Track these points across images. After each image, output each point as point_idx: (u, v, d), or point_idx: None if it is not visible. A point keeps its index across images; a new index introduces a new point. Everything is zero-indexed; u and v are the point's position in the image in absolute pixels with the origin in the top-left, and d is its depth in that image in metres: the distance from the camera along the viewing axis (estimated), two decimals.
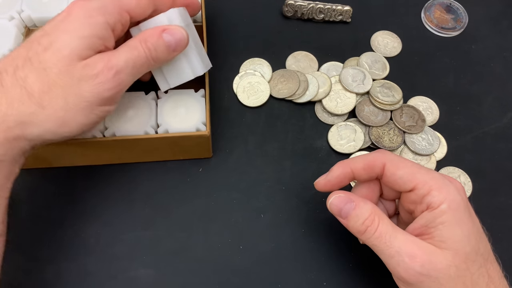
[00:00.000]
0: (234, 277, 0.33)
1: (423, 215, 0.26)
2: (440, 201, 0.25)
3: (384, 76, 0.42)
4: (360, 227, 0.26)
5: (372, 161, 0.28)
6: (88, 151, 0.34)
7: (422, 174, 0.26)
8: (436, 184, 0.26)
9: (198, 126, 0.34)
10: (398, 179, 0.27)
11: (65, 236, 0.34)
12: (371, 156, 0.28)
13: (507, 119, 0.41)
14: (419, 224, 0.26)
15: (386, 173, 0.28)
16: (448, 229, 0.24)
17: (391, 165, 0.27)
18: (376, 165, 0.28)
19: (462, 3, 0.47)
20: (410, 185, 0.26)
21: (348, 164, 0.29)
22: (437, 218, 0.25)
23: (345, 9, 0.44)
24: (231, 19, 0.45)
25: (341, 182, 0.30)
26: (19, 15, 0.37)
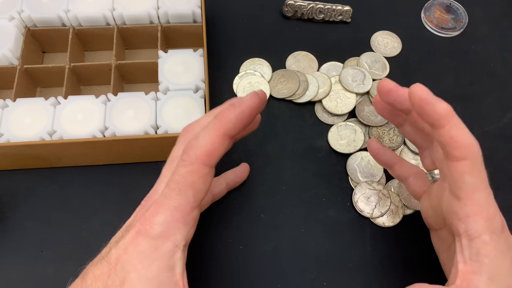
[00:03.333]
0: (234, 277, 0.33)
1: (463, 245, 0.23)
2: (481, 230, 0.23)
3: (384, 76, 0.42)
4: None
5: None
6: (88, 151, 0.34)
7: (481, 194, 0.23)
8: (485, 210, 0.23)
9: None
10: (460, 184, 0.23)
11: (65, 236, 0.34)
12: None
13: (507, 119, 0.41)
14: (464, 257, 0.23)
15: (454, 168, 0.23)
16: (494, 264, 0.23)
17: (469, 165, 0.23)
18: None
19: (462, 3, 0.47)
20: (462, 196, 0.23)
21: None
22: (480, 250, 0.23)
23: (345, 9, 0.44)
24: (231, 19, 0.44)
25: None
26: (19, 15, 0.37)
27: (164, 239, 0.23)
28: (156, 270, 0.22)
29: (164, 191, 0.24)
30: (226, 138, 0.24)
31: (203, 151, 0.23)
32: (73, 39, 0.38)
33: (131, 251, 0.23)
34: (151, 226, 0.23)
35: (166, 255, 0.23)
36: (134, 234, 0.23)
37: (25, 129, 0.33)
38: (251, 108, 0.24)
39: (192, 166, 0.23)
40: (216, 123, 0.24)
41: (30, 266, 0.33)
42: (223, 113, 0.24)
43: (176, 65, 0.37)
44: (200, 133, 0.24)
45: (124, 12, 0.38)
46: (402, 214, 0.35)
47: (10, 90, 0.36)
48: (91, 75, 0.38)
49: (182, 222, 0.23)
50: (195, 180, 0.23)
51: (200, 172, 0.23)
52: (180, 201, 0.23)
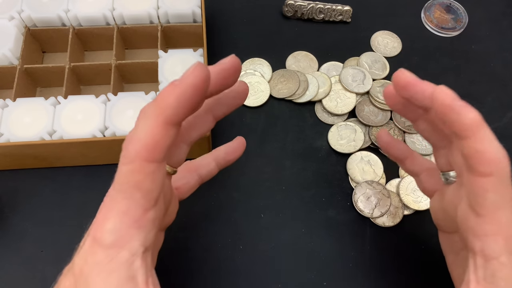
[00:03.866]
0: (234, 277, 0.33)
1: (478, 264, 0.22)
2: (499, 251, 0.21)
3: (384, 76, 0.42)
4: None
5: None
6: (88, 151, 0.34)
7: (504, 213, 0.21)
8: (506, 231, 0.21)
9: None
10: (482, 201, 0.21)
11: (65, 236, 0.34)
12: None
13: (507, 119, 0.41)
14: (478, 277, 0.22)
15: (476, 183, 0.21)
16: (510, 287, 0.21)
17: (494, 182, 0.21)
18: None
19: (462, 3, 0.47)
20: (483, 213, 0.21)
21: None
22: (497, 272, 0.21)
23: (345, 9, 0.44)
24: (231, 19, 0.44)
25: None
26: (19, 15, 0.37)
27: (118, 248, 0.20)
28: (116, 282, 0.20)
29: (110, 192, 0.21)
30: (169, 127, 0.20)
31: (142, 145, 0.19)
32: (73, 39, 0.38)
33: (89, 262, 0.20)
34: (102, 234, 0.20)
35: (124, 266, 0.20)
36: (91, 242, 0.21)
37: (25, 129, 0.33)
38: (195, 87, 0.19)
39: (132, 164, 0.19)
40: (154, 110, 0.20)
41: (30, 266, 0.33)
42: (161, 96, 0.20)
43: (176, 65, 0.37)
44: (138, 122, 0.20)
45: (124, 12, 0.38)
46: (402, 214, 0.35)
47: (10, 90, 0.36)
48: (91, 75, 0.38)
49: (135, 228, 0.20)
50: (141, 179, 0.20)
51: (144, 170, 0.20)
52: (127, 205, 0.20)
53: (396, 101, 0.26)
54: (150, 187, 0.20)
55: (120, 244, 0.20)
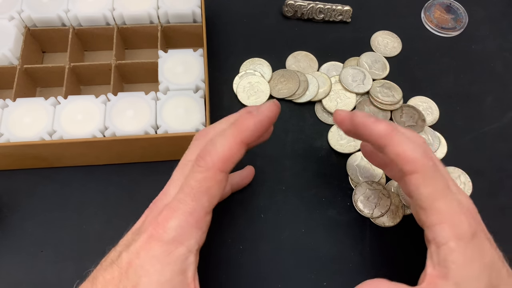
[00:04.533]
0: (235, 277, 0.33)
1: (432, 251, 0.24)
2: (447, 237, 0.23)
3: (384, 76, 0.42)
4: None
5: (403, 156, 0.24)
6: (88, 151, 0.34)
7: (441, 203, 0.24)
8: (449, 218, 0.24)
9: (198, 127, 0.34)
10: (418, 196, 0.24)
11: (65, 236, 0.34)
12: (403, 150, 0.24)
13: (507, 119, 0.41)
14: (433, 262, 0.24)
15: (409, 182, 0.24)
16: (461, 270, 0.23)
17: (420, 178, 0.24)
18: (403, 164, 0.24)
19: (462, 3, 0.47)
20: (424, 206, 0.24)
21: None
22: (447, 256, 0.23)
23: (345, 9, 0.44)
24: (231, 19, 0.44)
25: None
26: (19, 15, 0.37)
27: (178, 243, 0.23)
28: (169, 274, 0.22)
29: (178, 196, 0.24)
30: (243, 146, 0.24)
31: (220, 157, 0.23)
32: (73, 39, 0.38)
33: (143, 256, 0.22)
34: (164, 231, 0.23)
35: (179, 259, 0.23)
36: (147, 238, 0.23)
37: (25, 129, 0.33)
38: (270, 118, 0.25)
39: (208, 172, 0.23)
40: (234, 130, 0.24)
41: (30, 266, 0.33)
42: (242, 120, 0.24)
43: (176, 65, 0.37)
44: (217, 139, 0.24)
45: (124, 12, 0.38)
46: (402, 214, 0.35)
47: (10, 90, 0.36)
48: (91, 75, 0.38)
49: (195, 227, 0.23)
50: (211, 186, 0.23)
51: (216, 178, 0.23)
52: (194, 206, 0.23)
53: (366, 151, 0.32)
54: (216, 193, 0.24)
55: (180, 240, 0.23)
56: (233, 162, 0.24)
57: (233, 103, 0.40)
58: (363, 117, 0.25)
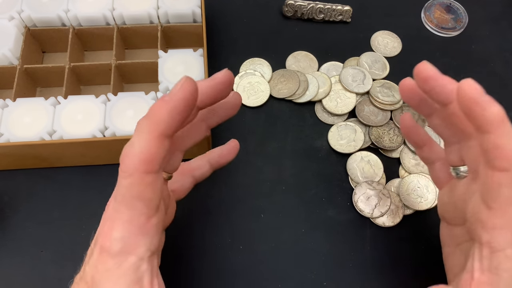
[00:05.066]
0: (234, 277, 0.33)
1: (483, 255, 0.23)
2: (506, 244, 0.22)
3: (384, 76, 0.42)
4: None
5: None
6: (88, 151, 0.34)
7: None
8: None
9: None
10: (495, 194, 0.22)
11: (65, 236, 0.34)
12: None
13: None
14: (483, 267, 0.23)
15: (492, 177, 0.22)
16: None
17: (510, 178, 0.21)
18: None
19: (462, 3, 0.47)
20: (494, 206, 0.22)
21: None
22: (501, 264, 0.22)
23: (345, 9, 0.44)
24: (231, 19, 0.44)
25: None
26: (19, 15, 0.37)
27: (126, 254, 0.21)
28: (124, 286, 0.21)
29: (112, 204, 0.22)
30: (163, 140, 0.21)
31: (140, 159, 0.20)
32: (73, 39, 0.38)
33: (100, 269, 0.22)
34: (110, 243, 0.21)
35: (131, 270, 0.22)
36: (99, 251, 0.22)
37: (25, 129, 0.33)
38: (185, 100, 0.21)
39: (132, 177, 0.21)
40: (148, 125, 0.21)
41: (30, 266, 0.33)
42: (153, 111, 0.21)
43: (176, 65, 0.37)
44: (134, 138, 0.21)
45: (124, 12, 0.38)
46: (402, 214, 0.35)
47: (10, 90, 0.36)
48: (91, 75, 0.38)
49: (140, 235, 0.22)
50: (141, 190, 0.21)
51: (144, 181, 0.21)
52: (130, 214, 0.21)
53: (413, 95, 0.27)
54: (151, 196, 0.21)
55: (128, 251, 0.21)
56: (157, 160, 0.21)
57: None
58: (478, 93, 0.22)
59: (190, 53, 0.37)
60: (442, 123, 0.27)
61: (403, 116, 0.30)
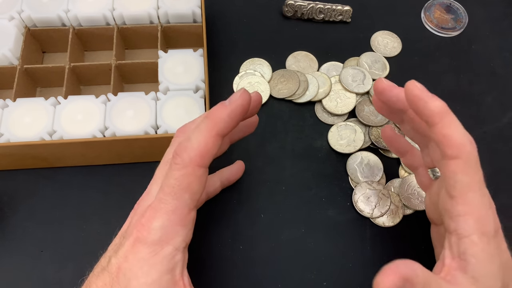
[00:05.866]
0: (234, 277, 0.33)
1: (452, 242, 0.24)
2: (471, 230, 0.23)
3: (384, 76, 0.42)
4: None
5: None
6: (88, 151, 0.34)
7: (473, 194, 0.23)
8: (476, 211, 0.23)
9: None
10: (452, 183, 0.23)
11: (65, 236, 0.34)
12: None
13: (507, 119, 0.41)
14: (453, 254, 0.24)
15: (447, 166, 0.23)
16: (480, 265, 0.23)
17: (461, 164, 0.23)
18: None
19: (462, 3, 0.47)
20: (455, 194, 0.23)
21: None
22: (468, 249, 0.23)
23: (345, 9, 0.44)
24: (231, 19, 0.44)
25: None
26: (19, 15, 0.37)
27: (164, 243, 0.23)
28: (157, 274, 0.22)
29: (158, 195, 0.23)
30: (218, 138, 0.23)
31: (196, 152, 0.23)
32: (73, 39, 0.38)
33: (131, 259, 0.23)
34: (149, 232, 0.23)
35: (166, 259, 0.23)
36: (133, 242, 0.23)
37: (25, 129, 0.33)
38: (242, 107, 0.24)
39: (186, 168, 0.23)
40: (208, 123, 0.23)
41: (30, 266, 0.33)
42: (214, 112, 0.24)
43: (176, 65, 0.37)
44: (192, 134, 0.23)
45: (124, 12, 0.38)
46: (402, 214, 0.35)
47: (10, 90, 0.36)
48: (91, 75, 0.38)
49: (180, 225, 0.23)
50: (191, 182, 0.23)
51: (195, 174, 0.23)
52: (176, 204, 0.23)
53: (382, 106, 0.30)
54: (198, 189, 0.24)
55: (166, 240, 0.23)
56: (210, 155, 0.23)
57: None
58: (421, 90, 0.24)
59: (190, 53, 0.37)
60: (410, 129, 0.29)
61: (383, 129, 0.32)
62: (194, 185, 0.23)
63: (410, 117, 0.28)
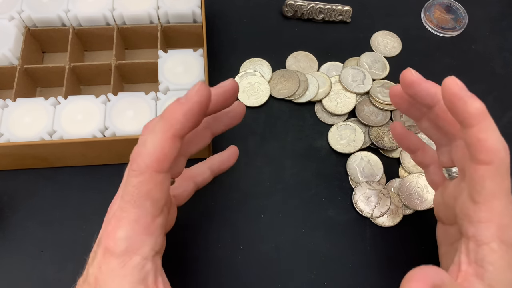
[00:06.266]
0: (234, 277, 0.33)
1: (470, 248, 0.23)
2: (491, 237, 0.22)
3: (384, 76, 0.42)
4: None
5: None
6: (88, 151, 0.34)
7: (499, 202, 0.22)
8: (499, 219, 0.22)
9: None
10: (479, 188, 0.22)
11: (65, 236, 0.34)
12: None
13: (507, 119, 0.41)
14: (469, 259, 0.23)
15: (476, 171, 0.22)
16: (498, 273, 0.22)
17: (492, 171, 0.22)
18: None
19: (462, 3, 0.47)
20: (479, 200, 0.22)
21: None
22: (486, 257, 0.22)
23: (345, 9, 0.44)
24: (231, 19, 0.44)
25: None
26: (19, 15, 0.37)
27: (131, 254, 0.22)
28: (129, 285, 0.22)
29: (120, 204, 0.22)
30: (176, 140, 0.22)
31: (152, 158, 0.21)
32: (73, 39, 0.38)
33: (104, 270, 0.22)
34: (115, 243, 0.22)
35: (136, 269, 0.22)
36: (103, 252, 0.22)
37: (25, 129, 0.33)
38: (200, 104, 0.21)
39: (143, 175, 0.21)
40: (163, 125, 0.21)
41: (30, 266, 0.33)
42: (169, 112, 0.21)
43: (176, 65, 0.37)
44: (147, 137, 0.22)
45: (124, 12, 0.38)
46: (402, 214, 0.35)
47: (10, 90, 0.36)
48: (91, 75, 0.38)
49: (145, 234, 0.22)
50: (150, 189, 0.22)
51: (154, 180, 0.21)
52: (138, 213, 0.22)
53: (401, 100, 0.28)
54: (159, 196, 0.22)
55: (132, 250, 0.22)
56: (169, 159, 0.22)
57: None
58: (460, 88, 0.22)
59: (190, 53, 0.37)
60: (431, 126, 0.28)
61: (393, 125, 0.31)
62: (154, 192, 0.22)
63: (436, 113, 0.26)
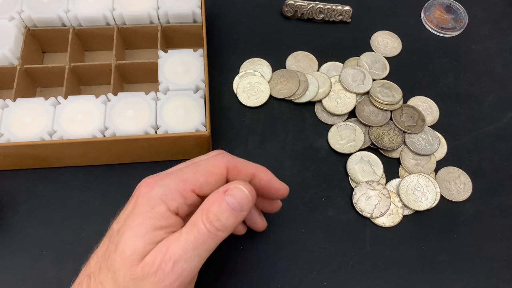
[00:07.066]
0: (234, 277, 0.33)
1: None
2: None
3: (384, 76, 0.42)
4: None
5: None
6: (88, 151, 0.34)
7: None
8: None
9: (198, 127, 0.34)
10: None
11: (65, 236, 0.34)
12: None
13: (507, 119, 0.41)
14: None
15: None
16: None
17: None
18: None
19: (462, 3, 0.47)
20: None
21: None
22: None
23: (345, 9, 0.44)
24: (231, 19, 0.45)
25: None
26: (19, 15, 0.37)
27: (160, 201, 0.25)
28: (149, 227, 0.24)
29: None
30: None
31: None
32: (73, 39, 0.38)
33: (130, 218, 0.25)
34: (152, 190, 0.26)
35: (162, 216, 0.25)
36: (132, 208, 0.25)
37: (25, 129, 0.33)
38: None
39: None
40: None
41: (30, 266, 0.33)
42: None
43: (176, 65, 0.37)
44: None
45: (124, 12, 0.38)
46: (402, 214, 0.35)
47: (10, 90, 0.36)
48: (91, 75, 0.38)
49: (180, 193, 0.26)
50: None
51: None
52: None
53: None
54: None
55: (164, 200, 0.25)
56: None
57: (233, 103, 0.40)
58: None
59: (190, 53, 0.37)
60: None
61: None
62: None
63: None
